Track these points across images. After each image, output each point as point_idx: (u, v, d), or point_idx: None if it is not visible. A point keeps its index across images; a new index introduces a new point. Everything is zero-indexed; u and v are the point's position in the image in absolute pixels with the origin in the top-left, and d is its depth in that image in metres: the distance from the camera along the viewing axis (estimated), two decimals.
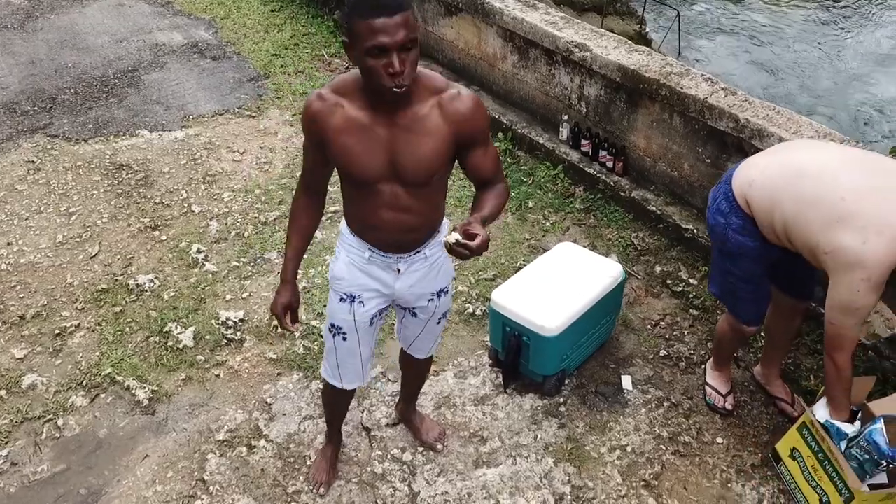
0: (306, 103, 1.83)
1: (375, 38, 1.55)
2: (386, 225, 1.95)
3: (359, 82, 1.76)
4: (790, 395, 2.94)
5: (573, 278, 2.96)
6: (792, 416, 2.91)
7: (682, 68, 3.54)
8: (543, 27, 4.00)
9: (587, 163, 4.09)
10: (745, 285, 2.55)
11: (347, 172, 1.88)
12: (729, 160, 3.37)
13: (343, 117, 1.79)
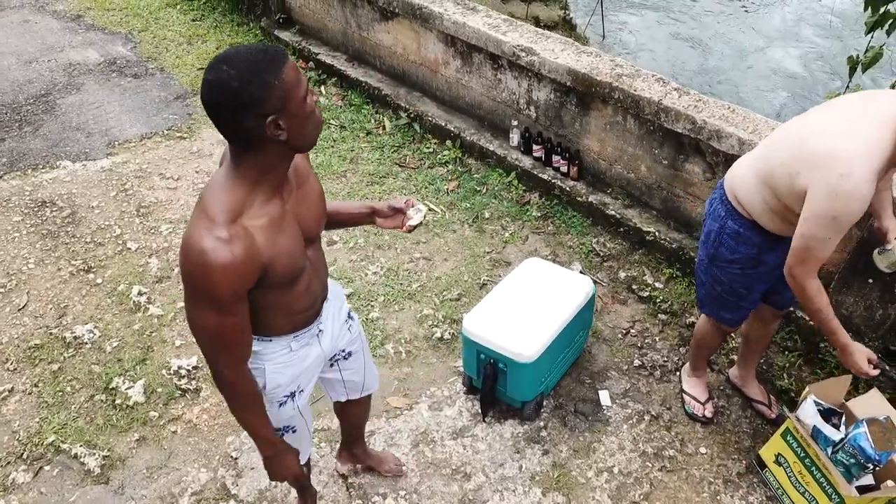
0: (221, 262, 1.38)
1: (300, 76, 1.41)
2: (314, 295, 1.78)
3: (256, 180, 1.47)
4: (767, 396, 2.94)
5: (544, 297, 2.86)
6: (769, 417, 2.90)
7: (632, 69, 3.48)
8: (486, 31, 3.87)
9: (541, 168, 4.00)
10: (730, 296, 2.51)
11: (281, 278, 1.57)
12: (686, 161, 3.34)
13: (263, 232, 1.47)
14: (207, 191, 1.46)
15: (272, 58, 1.36)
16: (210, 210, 1.41)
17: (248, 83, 1.32)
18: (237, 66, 1.33)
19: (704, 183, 3.32)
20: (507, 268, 3.62)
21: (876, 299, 2.84)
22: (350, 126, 4.74)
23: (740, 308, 2.58)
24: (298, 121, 1.41)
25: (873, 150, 1.85)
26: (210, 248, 1.37)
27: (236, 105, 1.33)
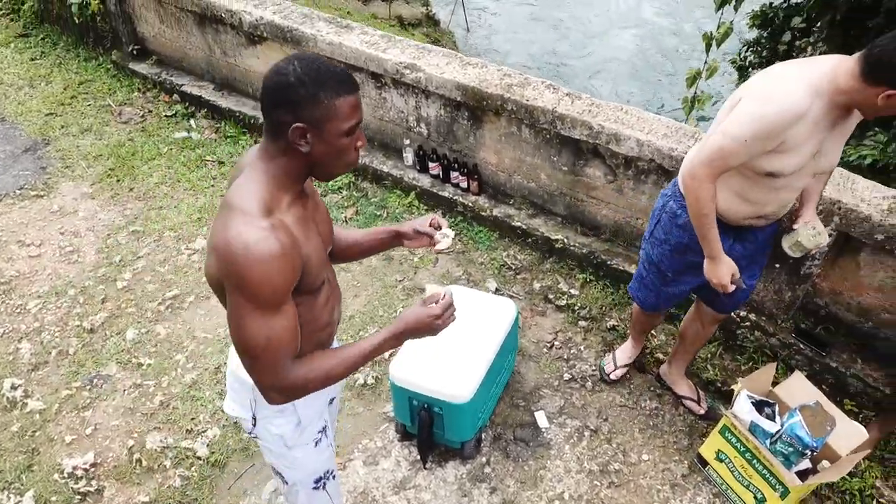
0: (271, 252, 1.33)
1: (355, 115, 1.41)
2: (332, 310, 1.71)
3: (284, 180, 1.45)
4: (695, 391, 2.97)
5: (470, 328, 2.73)
6: (699, 413, 2.93)
7: (521, 78, 3.41)
8: (365, 50, 3.69)
9: (440, 186, 3.87)
10: (655, 277, 2.53)
11: (312, 281, 1.53)
12: (586, 165, 3.31)
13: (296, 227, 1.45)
14: (234, 190, 1.42)
15: (339, 80, 1.36)
16: (243, 205, 1.37)
17: (302, 85, 1.33)
18: (304, 68, 1.34)
19: (607, 186, 3.31)
20: (421, 295, 3.46)
21: (784, 282, 2.93)
22: (229, 160, 4.41)
23: (660, 294, 2.58)
24: (327, 147, 1.40)
25: (812, 73, 1.89)
26: (256, 240, 1.32)
27: (282, 98, 1.35)
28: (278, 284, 1.37)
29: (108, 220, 3.95)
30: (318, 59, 1.39)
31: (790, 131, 1.91)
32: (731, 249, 2.31)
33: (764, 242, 2.39)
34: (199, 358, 3.15)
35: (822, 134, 1.96)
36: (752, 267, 2.44)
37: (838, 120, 1.96)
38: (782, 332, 3.00)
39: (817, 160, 2.04)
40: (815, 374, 2.95)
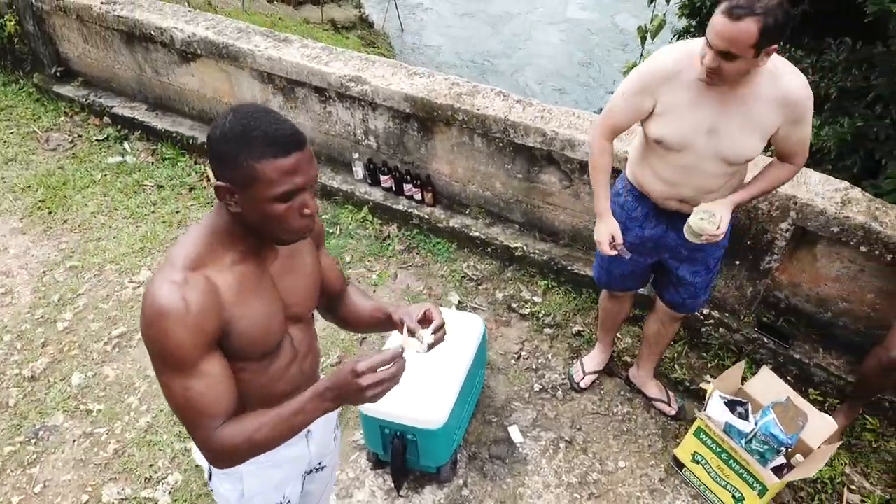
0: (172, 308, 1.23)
1: (288, 181, 1.24)
2: (294, 381, 1.55)
3: (227, 236, 1.34)
4: (665, 392, 2.96)
5: (438, 348, 2.65)
6: (670, 414, 2.92)
7: (470, 87, 3.35)
8: (307, 64, 3.56)
9: (393, 199, 3.78)
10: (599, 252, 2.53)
11: (249, 347, 1.38)
12: (541, 172, 3.28)
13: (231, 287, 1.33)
14: (177, 240, 1.37)
15: (268, 142, 1.22)
16: (172, 256, 1.31)
17: (226, 142, 1.23)
18: (233, 123, 1.23)
19: (563, 191, 3.28)
20: (383, 345, 3.37)
21: (745, 278, 2.95)
22: (169, 184, 4.22)
23: (608, 272, 2.61)
24: (257, 213, 1.27)
25: (696, 42, 1.97)
26: (162, 294, 1.24)
27: (211, 151, 1.27)
28: (182, 343, 1.24)
29: (42, 256, 3.71)
30: (256, 115, 1.24)
31: (663, 89, 2.03)
32: (665, 235, 2.35)
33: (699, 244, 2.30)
34: (154, 399, 2.98)
35: (707, 106, 1.99)
36: (694, 262, 2.41)
37: (728, 96, 1.96)
38: (745, 328, 3.03)
39: (715, 141, 2.03)
40: (780, 366, 2.99)
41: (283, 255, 1.46)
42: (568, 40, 12.84)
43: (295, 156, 1.23)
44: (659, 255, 2.45)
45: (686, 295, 2.52)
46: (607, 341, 3.03)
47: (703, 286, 2.50)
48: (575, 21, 13.50)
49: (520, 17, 13.88)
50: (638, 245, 2.40)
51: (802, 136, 2.05)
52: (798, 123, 2.01)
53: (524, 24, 13.52)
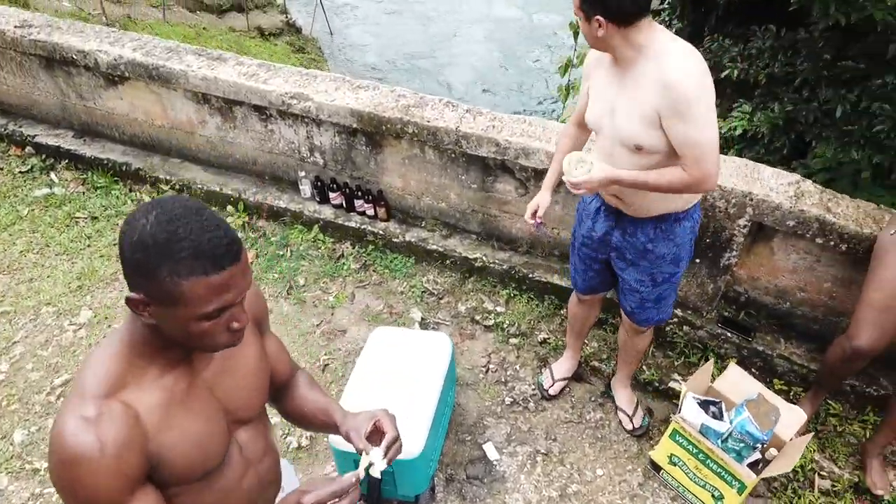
0: (84, 453, 1.05)
1: (217, 299, 1.08)
2: (247, 495, 1.37)
3: (146, 347, 1.16)
4: (634, 406, 2.93)
5: (407, 373, 2.57)
6: (627, 428, 2.89)
7: (417, 98, 3.27)
8: (245, 83, 3.41)
9: (345, 216, 3.67)
10: (572, 249, 2.62)
11: (185, 472, 1.20)
12: (496, 181, 3.23)
13: (155, 410, 1.15)
14: (86, 359, 1.15)
15: (196, 254, 1.03)
16: (81, 382, 1.11)
17: (143, 249, 1.03)
18: (155, 227, 1.02)
19: (519, 199, 3.24)
20: (343, 337, 3.27)
21: (705, 276, 2.97)
22: (103, 214, 3.99)
23: (577, 268, 2.64)
24: (178, 329, 1.10)
25: None
26: (70, 435, 1.05)
27: (124, 254, 1.06)
28: (97, 493, 1.06)
29: None
30: (184, 219, 1.04)
31: (594, 73, 2.15)
32: (610, 232, 2.37)
33: (644, 245, 2.28)
34: None
35: (612, 87, 2.05)
36: (638, 269, 2.37)
37: (624, 77, 2.00)
38: (709, 324, 3.06)
39: (614, 122, 2.05)
40: (744, 359, 3.03)
41: (218, 355, 1.29)
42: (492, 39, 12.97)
43: (229, 270, 1.06)
44: (607, 253, 2.45)
45: (634, 303, 2.48)
46: (576, 346, 3.01)
47: (652, 299, 2.44)
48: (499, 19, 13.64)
49: (447, 16, 13.92)
50: (587, 238, 2.46)
51: (683, 136, 1.91)
52: (677, 117, 1.88)
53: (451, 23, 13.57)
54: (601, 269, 2.55)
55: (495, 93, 10.95)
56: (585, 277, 2.62)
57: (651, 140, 1.98)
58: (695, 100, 1.85)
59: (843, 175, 3.73)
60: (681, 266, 2.37)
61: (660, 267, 2.34)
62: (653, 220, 2.24)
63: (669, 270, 2.36)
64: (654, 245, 2.28)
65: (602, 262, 2.51)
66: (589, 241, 2.45)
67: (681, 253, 2.31)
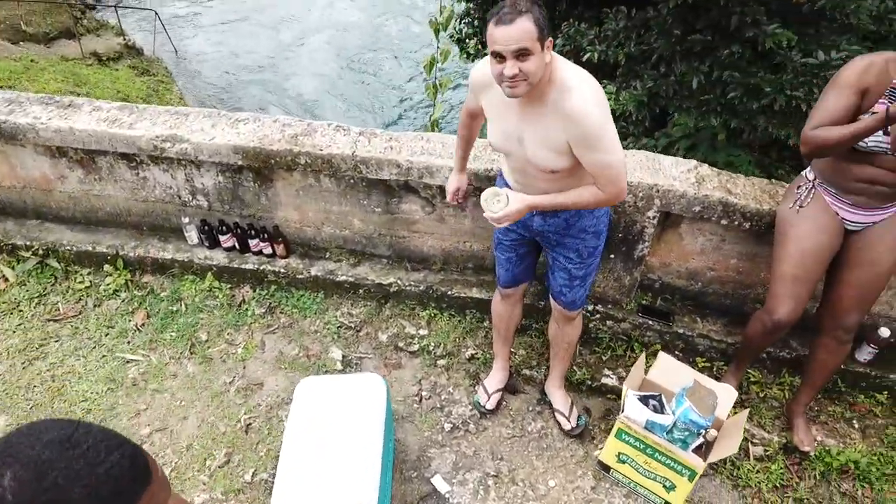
0: None
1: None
2: None
3: None
4: (570, 406, 2.92)
5: (345, 423, 2.40)
6: (565, 428, 2.88)
7: (304, 125, 3.07)
8: (107, 130, 3.07)
9: (240, 258, 3.41)
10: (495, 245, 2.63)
11: None
12: (401, 202, 3.10)
13: None
14: None
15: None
16: None
17: None
18: (17, 492, 0.72)
19: (427, 217, 3.13)
20: (262, 391, 3.03)
21: (621, 269, 3.00)
22: None
23: (500, 261, 2.64)
24: None
25: None
26: None
27: None
28: None
29: None
30: (55, 461, 0.77)
31: (482, 95, 2.17)
32: (531, 218, 2.38)
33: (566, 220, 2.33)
34: None
35: (513, 116, 2.08)
36: (565, 248, 2.42)
37: (527, 109, 2.04)
38: (630, 315, 3.10)
39: (523, 148, 2.12)
40: (667, 344, 3.10)
41: None
42: (340, 45, 12.85)
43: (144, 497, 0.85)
44: (532, 236, 2.48)
45: (562, 281, 2.53)
46: (504, 354, 2.96)
47: (580, 276, 2.50)
48: (346, 25, 13.51)
49: (293, 24, 13.60)
50: (509, 229, 2.49)
51: (595, 162, 2.01)
52: (586, 147, 1.99)
53: (297, 31, 13.28)
54: (525, 253, 2.59)
55: (346, 98, 10.84)
56: (508, 267, 2.64)
57: (564, 164, 2.08)
58: (601, 129, 1.95)
59: (702, 140, 3.98)
60: (601, 239, 2.45)
61: (584, 241, 2.41)
62: None
63: (593, 244, 2.43)
64: (577, 219, 2.34)
65: (527, 246, 2.56)
66: (511, 231, 2.49)
67: (600, 225, 2.40)
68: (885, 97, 2.28)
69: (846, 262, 2.54)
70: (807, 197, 2.52)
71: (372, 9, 13.68)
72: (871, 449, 2.90)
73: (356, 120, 10.59)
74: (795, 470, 2.85)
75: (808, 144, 2.38)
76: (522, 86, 1.89)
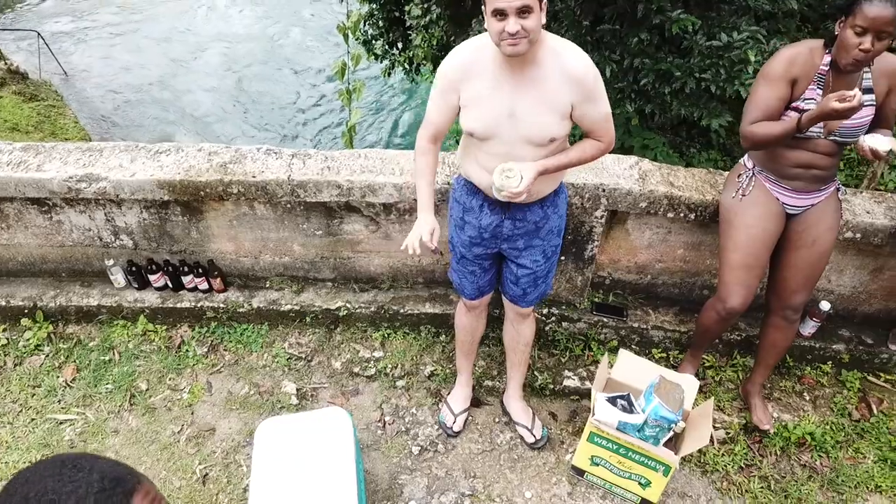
0: None
1: None
2: None
3: None
4: (532, 417, 2.88)
5: (313, 465, 2.28)
6: (528, 441, 2.83)
7: (232, 152, 2.90)
8: (12, 175, 2.79)
9: (174, 297, 3.20)
10: (455, 255, 2.53)
11: None
12: (343, 223, 2.98)
13: None
14: None
15: None
16: None
17: None
18: None
19: (371, 236, 3.03)
20: (214, 437, 2.85)
21: (573, 270, 2.99)
22: None
23: (464, 275, 2.55)
24: None
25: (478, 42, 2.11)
26: None
27: None
28: None
29: None
30: None
31: (463, 84, 2.10)
32: (501, 224, 2.33)
33: (536, 224, 2.34)
34: None
35: (504, 92, 2.05)
36: (531, 251, 2.41)
37: (521, 79, 2.03)
38: (584, 314, 3.10)
39: (517, 124, 2.09)
40: (623, 339, 3.12)
41: None
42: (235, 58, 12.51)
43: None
44: (498, 245, 2.42)
45: (526, 284, 2.51)
46: (467, 370, 2.90)
47: (543, 274, 2.50)
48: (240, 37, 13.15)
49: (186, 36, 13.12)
50: (477, 237, 2.40)
51: (598, 115, 2.12)
52: (590, 101, 2.07)
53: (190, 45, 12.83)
54: (489, 265, 2.54)
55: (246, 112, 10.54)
56: (474, 280, 2.57)
57: (562, 130, 2.11)
58: (598, 81, 2.06)
59: (617, 126, 4.09)
60: (561, 235, 2.46)
61: (549, 241, 2.42)
62: (539, 201, 2.30)
63: (556, 242, 2.45)
64: (545, 221, 2.35)
65: (491, 258, 2.51)
66: (479, 239, 2.41)
67: (562, 223, 2.43)
68: (813, 83, 2.36)
69: (790, 245, 2.61)
70: (748, 185, 2.58)
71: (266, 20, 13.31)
72: (823, 419, 3.02)
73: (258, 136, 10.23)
74: (757, 448, 2.92)
75: (748, 140, 2.44)
76: (523, 43, 1.89)
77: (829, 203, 2.58)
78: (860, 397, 3.11)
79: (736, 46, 3.59)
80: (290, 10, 13.58)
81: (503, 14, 1.85)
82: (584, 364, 3.11)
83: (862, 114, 2.35)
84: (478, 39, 2.11)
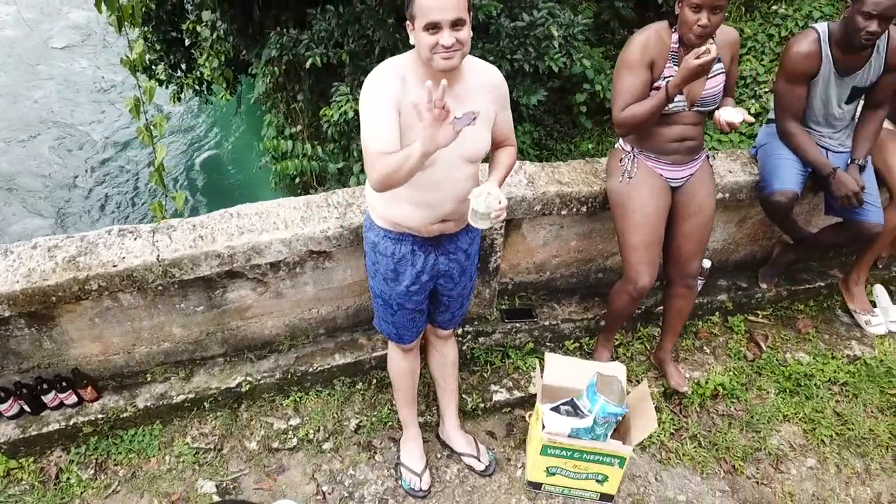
0: None
1: None
2: None
3: None
4: (475, 445, 2.78)
5: None
6: (478, 469, 2.74)
7: (79, 241, 2.47)
8: None
9: (37, 422, 2.67)
10: (382, 307, 2.39)
11: None
12: (226, 291, 2.67)
13: None
14: None
15: None
16: None
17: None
18: None
19: (261, 298, 2.74)
20: None
21: (480, 283, 2.95)
22: None
23: (394, 324, 2.42)
24: None
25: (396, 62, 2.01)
26: None
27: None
28: None
29: None
30: None
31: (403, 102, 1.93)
32: (436, 262, 2.26)
33: (466, 251, 2.32)
34: None
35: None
36: (463, 275, 2.37)
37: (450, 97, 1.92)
38: (497, 325, 3.05)
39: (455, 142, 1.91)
40: (538, 338, 3.12)
41: None
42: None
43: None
44: (435, 282, 2.34)
45: (456, 308, 2.48)
46: (414, 421, 2.74)
47: (468, 293, 2.50)
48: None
49: None
50: (415, 284, 2.28)
51: (509, 120, 2.21)
52: (505, 108, 2.17)
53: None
54: (426, 305, 2.43)
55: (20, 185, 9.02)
56: (412, 326, 2.44)
57: (490, 143, 2.13)
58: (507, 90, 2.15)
59: None
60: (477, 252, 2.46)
61: (474, 262, 2.42)
62: (465, 227, 2.25)
63: (475, 261, 2.44)
64: (472, 244, 2.34)
65: (427, 297, 2.39)
66: (418, 284, 2.28)
67: (478, 239, 2.42)
68: (669, 61, 2.48)
69: (678, 217, 2.74)
70: (632, 167, 2.65)
71: (14, 72, 11.57)
72: (726, 367, 3.23)
73: (45, 225, 8.57)
74: (680, 411, 3.06)
75: (623, 126, 2.52)
76: (457, 56, 1.86)
77: (704, 170, 2.73)
78: (748, 338, 3.38)
79: (539, 24, 3.76)
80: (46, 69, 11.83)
81: (437, 27, 1.79)
82: (507, 374, 3.07)
83: (716, 81, 2.52)
84: (391, 62, 2.00)
